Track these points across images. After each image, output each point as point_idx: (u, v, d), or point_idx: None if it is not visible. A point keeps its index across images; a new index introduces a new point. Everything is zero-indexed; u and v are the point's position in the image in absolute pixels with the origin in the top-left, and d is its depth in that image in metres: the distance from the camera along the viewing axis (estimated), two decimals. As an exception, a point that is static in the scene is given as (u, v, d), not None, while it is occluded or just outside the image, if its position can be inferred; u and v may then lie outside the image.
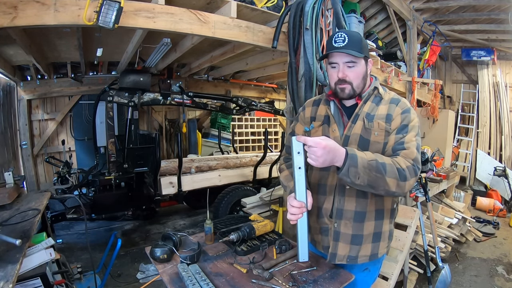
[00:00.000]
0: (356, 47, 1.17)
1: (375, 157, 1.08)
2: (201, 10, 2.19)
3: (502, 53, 5.79)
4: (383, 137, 1.20)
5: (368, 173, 1.04)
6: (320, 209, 1.32)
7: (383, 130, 1.20)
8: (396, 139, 1.18)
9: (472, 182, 5.85)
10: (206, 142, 5.75)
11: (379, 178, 1.06)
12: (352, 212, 1.25)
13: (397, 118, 1.20)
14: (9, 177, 2.08)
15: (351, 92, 1.23)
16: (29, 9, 1.64)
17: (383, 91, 1.29)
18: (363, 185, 1.07)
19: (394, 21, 4.08)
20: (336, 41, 1.18)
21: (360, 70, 1.21)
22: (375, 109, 1.24)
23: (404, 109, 1.21)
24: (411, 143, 1.15)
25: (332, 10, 2.30)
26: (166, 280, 1.23)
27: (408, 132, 1.17)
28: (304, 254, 1.19)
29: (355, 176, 1.04)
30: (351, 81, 1.21)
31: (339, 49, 1.17)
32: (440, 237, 3.12)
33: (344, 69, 1.20)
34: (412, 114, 1.21)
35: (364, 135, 1.21)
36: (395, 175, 1.07)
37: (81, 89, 4.52)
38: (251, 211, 3.06)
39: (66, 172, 3.45)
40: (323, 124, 1.31)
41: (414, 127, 1.19)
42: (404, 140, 1.16)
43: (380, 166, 1.05)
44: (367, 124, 1.21)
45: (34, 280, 1.47)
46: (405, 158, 1.11)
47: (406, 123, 1.19)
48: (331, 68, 1.25)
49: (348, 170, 1.04)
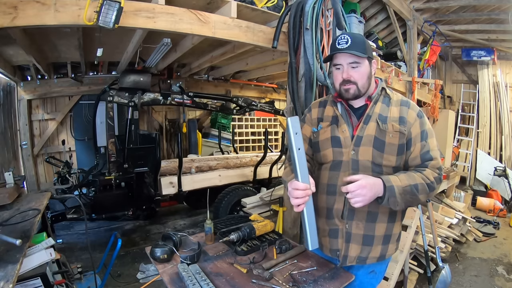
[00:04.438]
0: (360, 48, 1.17)
1: (408, 180, 1.16)
2: (201, 10, 2.19)
3: (502, 53, 5.79)
4: (397, 139, 1.22)
5: (405, 198, 1.15)
6: (331, 210, 1.29)
7: (398, 132, 1.21)
8: (421, 146, 1.23)
9: (472, 182, 5.85)
10: (206, 142, 5.75)
11: (413, 199, 1.18)
12: (364, 213, 1.24)
13: (416, 123, 1.23)
14: (9, 177, 2.08)
15: (356, 92, 1.22)
16: (29, 9, 1.63)
17: (390, 92, 1.30)
18: (401, 208, 1.21)
19: (394, 21, 4.08)
20: (340, 43, 1.19)
21: (364, 70, 1.22)
22: (387, 110, 1.25)
23: (418, 113, 1.25)
24: (435, 151, 1.23)
25: (332, 10, 2.30)
26: (166, 280, 1.23)
27: (429, 137, 1.23)
28: (314, 242, 1.17)
29: (395, 204, 1.16)
30: (356, 81, 1.21)
31: (343, 50, 1.18)
32: (440, 237, 3.12)
33: (348, 69, 1.21)
34: (425, 117, 1.27)
35: (379, 136, 1.21)
36: (425, 191, 1.18)
37: (81, 89, 4.52)
38: (251, 211, 3.06)
39: (66, 172, 3.46)
40: (331, 124, 1.31)
41: (431, 130, 1.26)
42: (429, 147, 1.22)
43: (414, 189, 1.15)
44: (381, 126, 1.22)
45: (34, 280, 1.47)
46: (433, 170, 1.20)
47: (424, 128, 1.24)
48: (336, 70, 1.25)
49: (388, 200, 1.14)
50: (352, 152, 1.23)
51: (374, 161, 1.22)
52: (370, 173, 1.21)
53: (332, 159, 1.29)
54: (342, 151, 1.26)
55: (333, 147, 1.28)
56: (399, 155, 1.23)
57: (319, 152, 1.33)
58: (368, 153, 1.22)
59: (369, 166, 1.22)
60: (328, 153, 1.30)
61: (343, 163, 1.25)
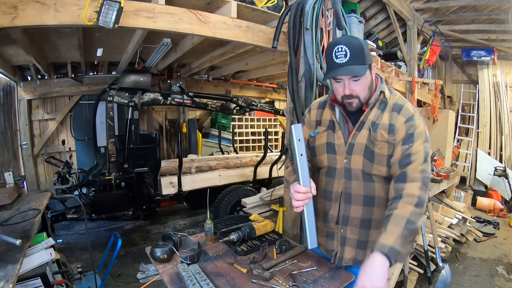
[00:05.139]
0: (360, 60, 1.09)
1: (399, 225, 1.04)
2: (201, 10, 2.19)
3: (502, 53, 5.79)
4: (386, 150, 1.16)
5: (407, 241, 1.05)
6: (327, 215, 1.31)
7: (386, 142, 1.16)
8: (402, 150, 1.13)
9: (472, 182, 5.85)
10: (206, 142, 5.75)
11: (414, 231, 1.06)
12: (358, 219, 1.24)
13: (401, 128, 1.14)
14: (9, 177, 2.08)
15: (359, 105, 1.18)
16: (29, 9, 1.63)
17: (389, 94, 1.23)
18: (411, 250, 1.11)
19: (394, 21, 4.08)
20: (338, 57, 1.09)
21: (366, 82, 1.15)
22: (380, 116, 1.19)
23: (407, 117, 1.15)
24: (418, 154, 1.11)
25: (332, 10, 2.30)
26: (166, 280, 1.23)
27: (415, 141, 1.12)
28: (313, 241, 1.19)
29: (403, 258, 1.08)
30: (358, 95, 1.16)
31: (342, 66, 1.09)
32: (440, 237, 3.12)
33: (351, 84, 1.13)
34: (416, 120, 1.15)
35: (369, 146, 1.18)
36: (419, 214, 1.07)
37: (81, 89, 4.52)
38: (251, 211, 3.06)
39: (66, 172, 3.45)
40: (327, 129, 1.29)
41: (420, 134, 1.13)
42: (411, 151, 1.11)
43: (408, 226, 1.04)
44: (372, 135, 1.17)
45: (34, 280, 1.47)
46: (413, 179, 1.09)
47: (411, 131, 1.13)
48: (336, 82, 1.17)
49: (396, 260, 1.03)
50: (345, 161, 1.22)
51: (364, 170, 1.19)
52: (362, 182, 1.20)
53: (327, 165, 1.29)
54: (336, 158, 1.25)
55: (328, 153, 1.28)
56: (389, 166, 1.17)
57: (315, 156, 1.33)
58: (359, 162, 1.20)
59: (360, 175, 1.20)
60: (323, 158, 1.29)
61: (337, 171, 1.25)
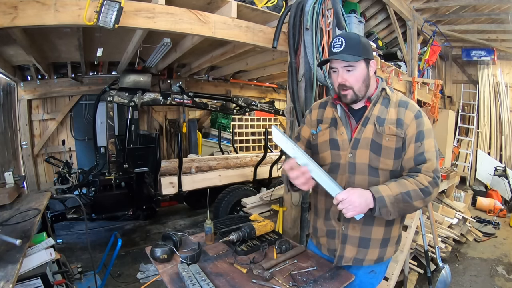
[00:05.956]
0: (353, 51, 1.15)
1: (399, 188, 1.13)
2: (201, 10, 2.19)
3: (502, 53, 5.80)
4: (394, 143, 1.19)
5: (397, 206, 1.12)
6: (328, 211, 1.31)
7: (394, 135, 1.19)
8: (415, 148, 1.18)
9: (472, 182, 5.85)
10: (206, 142, 5.76)
11: (407, 206, 1.14)
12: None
13: (412, 124, 1.19)
14: (9, 177, 2.08)
15: (354, 97, 1.21)
16: (29, 9, 1.64)
17: (390, 92, 1.27)
18: (396, 217, 1.18)
19: (394, 21, 4.08)
20: (334, 46, 1.17)
21: (359, 74, 1.19)
22: (385, 112, 1.22)
23: (415, 113, 1.20)
24: (431, 153, 1.17)
25: (332, 10, 2.30)
26: (166, 280, 1.23)
27: (426, 138, 1.18)
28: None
29: (387, 214, 1.13)
30: (351, 86, 1.19)
31: (336, 54, 1.16)
32: (440, 237, 3.12)
33: (343, 73, 1.19)
34: (424, 117, 1.21)
35: (376, 139, 1.20)
36: (420, 197, 1.13)
37: (81, 89, 4.52)
38: (251, 211, 3.05)
39: (67, 172, 3.46)
40: (330, 126, 1.30)
41: (429, 131, 1.20)
42: (424, 148, 1.17)
43: (406, 196, 1.12)
44: (378, 129, 1.19)
45: (34, 280, 1.47)
46: (426, 174, 1.15)
47: (421, 128, 1.19)
48: (333, 73, 1.24)
49: (380, 211, 1.12)
50: (350, 155, 1.23)
51: (370, 164, 1.21)
52: (366, 177, 1.21)
53: (331, 161, 1.29)
54: (340, 153, 1.26)
55: (331, 149, 1.28)
56: (396, 159, 1.20)
57: (318, 154, 1.33)
58: (365, 156, 1.21)
59: (366, 169, 1.21)
60: (326, 155, 1.30)
61: (341, 166, 1.25)
